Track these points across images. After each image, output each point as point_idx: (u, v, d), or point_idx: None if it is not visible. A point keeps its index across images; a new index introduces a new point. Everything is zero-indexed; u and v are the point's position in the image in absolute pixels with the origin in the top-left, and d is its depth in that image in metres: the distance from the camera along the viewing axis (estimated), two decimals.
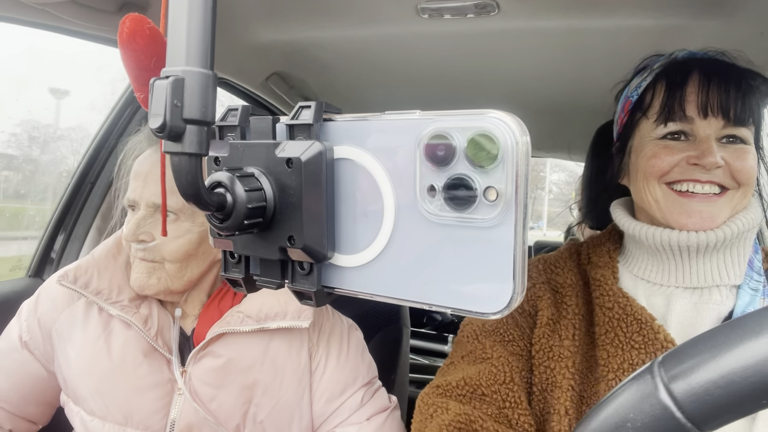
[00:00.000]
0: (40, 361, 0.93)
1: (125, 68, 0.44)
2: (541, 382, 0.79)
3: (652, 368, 0.32)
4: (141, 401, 0.85)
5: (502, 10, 0.93)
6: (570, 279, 0.84)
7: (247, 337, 0.87)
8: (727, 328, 0.31)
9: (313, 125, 0.31)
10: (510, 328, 0.83)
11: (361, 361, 0.95)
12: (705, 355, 0.30)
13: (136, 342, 0.87)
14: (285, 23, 1.08)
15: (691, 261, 0.75)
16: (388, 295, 0.30)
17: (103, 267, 0.91)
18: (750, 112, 0.72)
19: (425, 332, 3.07)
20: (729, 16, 0.91)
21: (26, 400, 0.94)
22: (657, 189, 0.75)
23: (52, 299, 0.93)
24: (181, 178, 0.27)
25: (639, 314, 0.74)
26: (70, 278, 0.87)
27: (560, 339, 0.79)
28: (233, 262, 0.34)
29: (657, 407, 0.30)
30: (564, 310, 0.81)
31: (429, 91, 1.49)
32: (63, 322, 0.91)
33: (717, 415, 0.29)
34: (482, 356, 0.82)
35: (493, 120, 0.26)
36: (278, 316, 0.86)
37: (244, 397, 0.86)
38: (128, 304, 0.88)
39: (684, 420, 0.29)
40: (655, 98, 0.78)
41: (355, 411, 0.90)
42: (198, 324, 0.90)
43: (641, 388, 0.31)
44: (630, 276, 0.81)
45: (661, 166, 0.74)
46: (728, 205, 0.73)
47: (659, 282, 0.77)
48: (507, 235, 0.26)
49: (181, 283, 0.86)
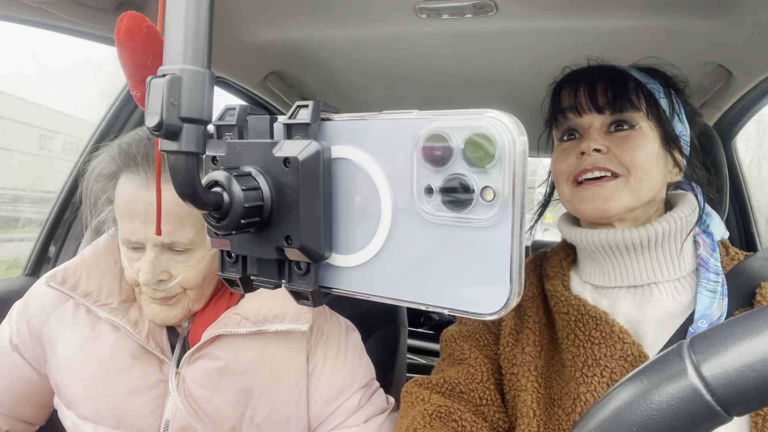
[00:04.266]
0: (31, 364, 0.92)
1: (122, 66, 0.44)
2: (510, 389, 0.83)
3: (681, 350, 0.31)
4: (133, 404, 0.84)
5: (500, 10, 0.93)
6: (531, 292, 0.89)
7: (244, 340, 0.85)
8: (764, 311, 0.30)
9: (311, 125, 0.31)
10: (485, 334, 0.89)
11: (359, 363, 0.94)
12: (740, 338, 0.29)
13: (126, 344, 0.85)
14: (283, 22, 1.08)
15: (625, 260, 0.78)
16: (385, 296, 0.30)
17: (92, 268, 0.88)
18: (626, 98, 0.78)
19: (423, 332, 3.07)
20: (726, 17, 0.91)
21: (20, 403, 0.93)
22: (566, 189, 0.81)
23: (41, 302, 0.91)
24: (178, 177, 0.27)
25: (593, 312, 0.78)
26: (59, 279, 0.85)
27: (522, 347, 0.83)
28: (230, 261, 0.34)
29: (686, 389, 0.29)
30: (526, 321, 0.86)
31: (426, 91, 1.49)
32: (52, 325, 0.89)
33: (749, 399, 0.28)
34: (460, 357, 0.87)
35: (491, 120, 0.26)
36: (277, 319, 0.85)
37: (241, 399, 0.85)
38: (117, 306, 0.86)
39: (713, 403, 0.29)
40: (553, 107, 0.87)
41: (353, 413, 0.89)
42: (193, 325, 0.88)
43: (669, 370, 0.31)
44: (579, 281, 0.86)
45: (562, 167, 0.81)
46: (623, 190, 0.75)
47: (602, 284, 0.81)
48: (504, 236, 0.26)
49: (200, 304, 0.85)
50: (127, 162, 0.80)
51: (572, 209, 0.81)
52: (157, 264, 0.78)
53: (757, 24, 0.91)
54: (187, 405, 0.84)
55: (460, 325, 0.92)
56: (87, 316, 0.88)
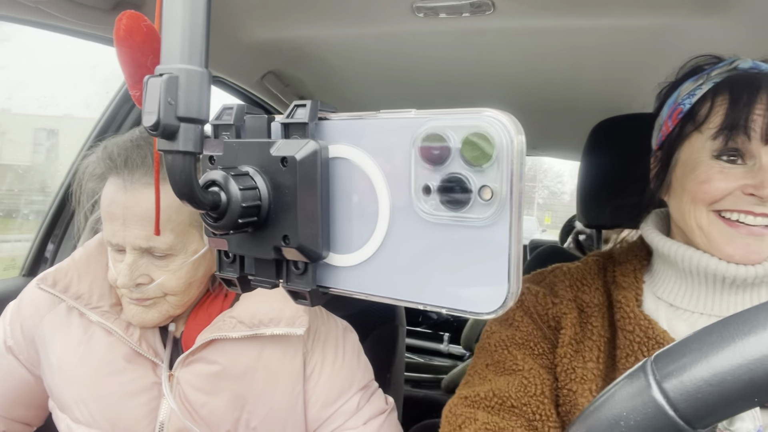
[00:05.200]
0: (25, 366, 0.91)
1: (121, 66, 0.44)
2: (565, 403, 0.75)
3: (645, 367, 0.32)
4: (127, 407, 0.83)
5: (498, 9, 0.93)
6: (597, 298, 0.79)
7: (239, 344, 0.84)
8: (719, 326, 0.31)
9: (309, 124, 0.31)
10: (540, 342, 0.79)
11: (357, 365, 0.93)
12: (697, 354, 0.30)
13: (118, 347, 0.84)
14: (280, 21, 1.07)
15: (723, 290, 0.71)
16: (383, 295, 0.30)
17: (83, 270, 0.87)
18: None
19: (421, 331, 3.07)
20: (723, 15, 0.91)
21: (16, 404, 0.93)
22: (704, 215, 0.69)
23: (34, 304, 0.90)
24: (175, 177, 0.27)
25: (661, 338, 0.71)
26: (49, 282, 0.84)
27: (584, 360, 0.75)
28: (228, 261, 0.34)
29: (650, 405, 0.30)
30: (589, 331, 0.77)
31: (424, 90, 1.49)
32: (45, 328, 0.88)
33: (709, 413, 0.29)
34: (513, 368, 0.78)
35: (489, 119, 0.26)
36: (272, 323, 0.83)
37: (236, 403, 0.84)
38: (109, 309, 0.85)
39: (677, 418, 0.29)
40: (713, 112, 0.70)
41: (352, 416, 0.88)
42: (186, 327, 0.87)
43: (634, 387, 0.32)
44: (653, 298, 0.77)
45: (714, 193, 0.68)
46: None
47: (684, 307, 0.73)
48: (502, 235, 0.26)
49: (182, 309, 0.84)
50: (109, 165, 0.80)
51: (704, 241, 0.69)
52: (136, 268, 0.78)
53: (753, 22, 0.91)
54: (182, 408, 0.83)
55: (512, 329, 0.81)
56: (80, 319, 0.87)
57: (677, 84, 0.78)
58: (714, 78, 0.72)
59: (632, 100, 1.37)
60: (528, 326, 0.80)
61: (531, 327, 0.80)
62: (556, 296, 0.81)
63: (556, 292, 0.82)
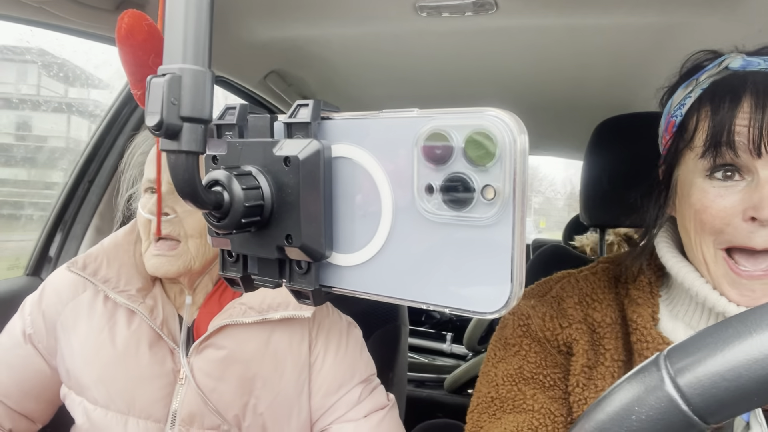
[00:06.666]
0: (42, 355, 0.94)
1: (122, 64, 0.44)
2: None
3: (658, 361, 0.32)
4: (144, 390, 0.86)
5: (501, 8, 0.93)
6: (609, 316, 0.72)
7: (249, 329, 0.88)
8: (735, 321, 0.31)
9: (311, 123, 0.31)
10: (550, 372, 0.73)
11: (359, 358, 0.95)
12: (713, 348, 0.30)
13: (141, 331, 0.88)
14: (283, 21, 1.08)
15: None
16: (385, 295, 0.30)
17: (112, 256, 0.92)
18: None
19: (424, 331, 3.07)
20: (727, 13, 0.91)
21: (28, 396, 0.94)
22: (710, 250, 0.62)
23: (57, 292, 0.94)
24: (178, 176, 0.27)
25: None
26: (80, 265, 0.89)
27: (596, 390, 0.69)
28: (231, 260, 0.34)
29: (663, 400, 0.30)
30: (602, 355, 0.70)
31: (427, 89, 1.49)
32: (68, 314, 0.92)
33: (723, 408, 0.29)
34: (522, 406, 0.72)
35: (491, 118, 0.26)
36: (281, 307, 0.87)
37: (244, 388, 0.87)
38: (135, 294, 0.89)
39: (690, 413, 0.29)
40: (699, 125, 0.63)
41: (353, 407, 0.90)
42: (199, 315, 0.91)
43: (647, 381, 0.31)
44: (669, 316, 0.70)
45: (713, 223, 0.60)
46: None
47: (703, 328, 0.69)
48: (505, 234, 0.26)
49: (200, 263, 0.87)
50: None
51: (711, 278, 0.63)
52: (166, 198, 0.85)
53: (757, 20, 0.91)
54: (196, 393, 0.86)
55: (519, 359, 0.74)
56: (104, 306, 0.91)
57: (674, 88, 0.72)
58: (702, 83, 0.65)
59: (636, 99, 1.37)
60: (537, 355, 0.74)
61: (540, 356, 0.73)
62: (565, 317, 0.75)
63: (565, 311, 0.75)
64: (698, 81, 0.66)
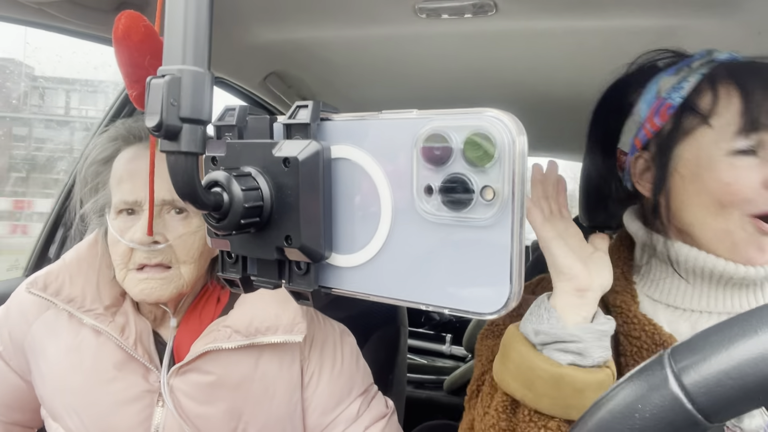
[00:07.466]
0: (16, 372, 0.89)
1: (119, 65, 0.44)
2: None
3: (662, 360, 0.32)
4: (120, 416, 0.80)
5: (500, 10, 0.93)
6: None
7: (235, 353, 0.81)
8: (740, 319, 0.30)
9: (311, 125, 0.31)
10: None
11: (356, 370, 0.91)
12: (717, 347, 0.30)
13: (110, 353, 0.81)
14: (283, 22, 1.08)
15: (727, 288, 0.68)
16: (385, 295, 0.30)
17: (75, 272, 0.83)
18: None
19: (423, 332, 3.07)
20: (727, 16, 0.91)
21: (11, 409, 0.91)
22: (737, 219, 0.64)
23: (21, 310, 0.87)
24: (178, 178, 0.27)
25: (668, 342, 0.68)
26: (40, 285, 0.81)
27: None
28: (230, 262, 0.34)
29: (667, 398, 0.30)
30: None
31: (426, 91, 1.49)
32: (35, 335, 0.85)
33: (728, 406, 0.29)
34: None
35: (490, 119, 0.26)
36: (269, 331, 0.81)
37: (233, 413, 0.82)
38: (103, 312, 0.81)
39: (694, 411, 0.29)
40: (720, 105, 0.66)
41: (352, 423, 0.86)
42: (178, 333, 0.84)
43: (650, 380, 0.31)
44: (648, 300, 0.73)
45: (746, 193, 0.63)
46: None
47: (683, 306, 0.71)
48: (504, 235, 0.26)
49: (192, 285, 0.81)
50: (126, 138, 0.81)
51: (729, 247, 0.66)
52: (155, 224, 0.76)
53: (756, 23, 0.91)
54: (177, 416, 0.81)
55: None
56: (69, 323, 0.83)
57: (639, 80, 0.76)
58: (699, 69, 0.69)
59: None
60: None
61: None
62: None
63: None
64: (691, 68, 0.70)
